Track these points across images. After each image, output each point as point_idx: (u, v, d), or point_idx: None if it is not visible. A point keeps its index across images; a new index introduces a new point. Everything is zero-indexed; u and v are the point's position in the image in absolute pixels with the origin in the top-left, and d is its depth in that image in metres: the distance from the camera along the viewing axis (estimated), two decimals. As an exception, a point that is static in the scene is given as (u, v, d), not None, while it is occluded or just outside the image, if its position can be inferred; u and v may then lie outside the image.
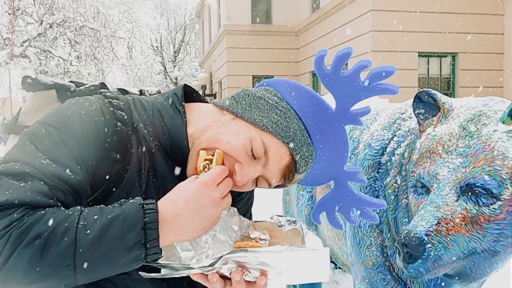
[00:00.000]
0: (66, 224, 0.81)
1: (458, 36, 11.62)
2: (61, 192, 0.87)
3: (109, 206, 0.88)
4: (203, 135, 1.04)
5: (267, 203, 3.88)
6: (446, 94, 11.82)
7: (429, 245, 1.35)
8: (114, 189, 0.97)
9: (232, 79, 17.38)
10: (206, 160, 0.98)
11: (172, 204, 0.90)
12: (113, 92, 1.09)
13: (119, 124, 0.98)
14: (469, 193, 1.41)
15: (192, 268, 0.92)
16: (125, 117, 1.01)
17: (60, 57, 11.72)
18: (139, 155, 1.01)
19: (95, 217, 0.84)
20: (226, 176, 0.97)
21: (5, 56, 9.11)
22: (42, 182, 0.84)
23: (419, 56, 11.82)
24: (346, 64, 1.04)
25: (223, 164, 0.99)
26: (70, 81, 1.18)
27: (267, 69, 17.28)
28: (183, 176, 1.04)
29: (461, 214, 1.39)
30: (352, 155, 2.25)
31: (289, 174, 1.05)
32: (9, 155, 0.89)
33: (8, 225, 0.78)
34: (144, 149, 1.02)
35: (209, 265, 0.91)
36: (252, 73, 17.28)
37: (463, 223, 1.39)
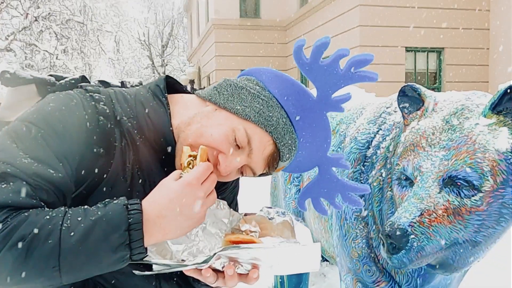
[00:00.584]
0: (50, 226, 0.81)
1: (444, 31, 11.73)
2: (44, 191, 0.86)
3: (93, 207, 0.87)
4: (188, 129, 1.04)
5: (256, 196, 3.90)
6: (433, 89, 11.95)
7: (412, 236, 1.38)
8: (99, 183, 0.97)
9: (220, 74, 17.34)
10: (190, 156, 0.97)
11: (156, 204, 0.90)
12: (94, 85, 1.08)
13: (101, 118, 0.98)
14: (452, 185, 1.44)
15: (186, 265, 0.93)
16: (107, 111, 1.00)
17: (46, 50, 11.56)
18: (123, 149, 1.00)
19: (79, 218, 0.83)
20: (211, 172, 0.96)
21: (-10, 49, 8.97)
22: (24, 182, 0.83)
23: (406, 51, 11.91)
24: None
25: (207, 159, 0.99)
26: (50, 75, 1.17)
27: (256, 63, 17.25)
28: (170, 168, 1.05)
29: (443, 205, 1.42)
30: (339, 149, 2.28)
31: (273, 162, 1.06)
32: None
33: None
34: (128, 142, 1.01)
35: (203, 262, 0.92)
36: (240, 67, 17.24)
37: (446, 215, 1.42)
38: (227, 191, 1.29)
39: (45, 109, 0.94)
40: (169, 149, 1.06)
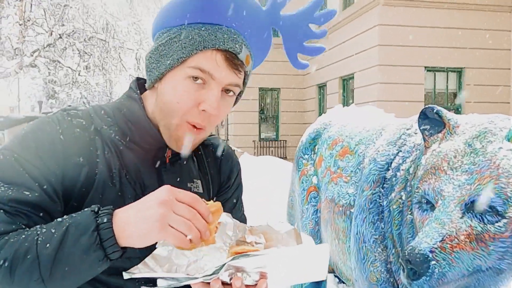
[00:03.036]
0: (26, 244, 0.85)
1: (465, 51, 11.63)
2: (22, 214, 0.91)
3: (65, 217, 0.90)
4: (162, 115, 1.06)
5: (271, 215, 3.86)
6: (453, 109, 11.79)
7: (433, 262, 1.34)
8: (88, 193, 0.99)
9: (238, 91, 17.42)
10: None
11: (129, 205, 0.91)
12: (74, 106, 1.13)
13: (77, 130, 1.02)
14: (474, 210, 1.40)
15: (196, 278, 0.91)
16: (84, 123, 1.04)
17: (69, 67, 11.83)
18: (106, 156, 1.03)
19: (53, 230, 0.87)
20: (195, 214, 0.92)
21: (15, 65, 9.20)
22: (1, 211, 0.88)
23: (426, 70, 11.83)
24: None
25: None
26: (43, 113, 1.21)
27: (274, 81, 17.34)
28: (160, 165, 1.09)
29: (466, 231, 1.39)
30: (357, 170, 2.26)
31: (233, 61, 1.03)
32: None
33: None
34: (111, 149, 1.04)
35: (213, 273, 0.91)
36: (258, 85, 17.36)
37: (468, 241, 1.39)
38: (230, 191, 1.29)
39: (20, 134, 0.99)
40: (155, 140, 1.08)
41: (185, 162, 1.18)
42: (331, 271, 2.78)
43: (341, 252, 2.30)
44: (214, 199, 1.26)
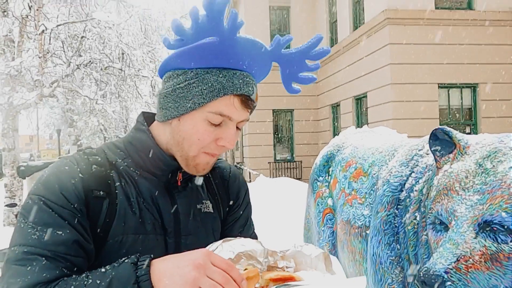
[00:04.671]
0: None
1: (478, 67, 11.59)
2: (61, 258, 0.98)
3: (108, 267, 0.96)
4: (180, 148, 1.14)
5: (288, 240, 3.87)
6: (469, 125, 11.65)
7: (448, 283, 1.35)
8: (112, 222, 1.07)
9: (252, 113, 17.55)
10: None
11: (166, 258, 0.96)
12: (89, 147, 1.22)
13: (95, 166, 1.10)
14: (488, 230, 1.42)
15: None
16: (99, 159, 1.12)
17: (87, 96, 12.05)
18: (123, 187, 1.11)
19: (98, 281, 0.93)
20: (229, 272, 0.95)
21: (35, 97, 9.46)
22: (43, 258, 0.96)
23: (439, 87, 11.79)
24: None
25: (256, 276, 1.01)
26: (59, 157, 1.29)
27: (287, 103, 17.44)
28: (172, 188, 1.16)
29: (480, 251, 1.40)
30: (371, 191, 2.28)
31: (247, 103, 1.13)
32: (12, 239, 1.01)
33: None
34: (127, 180, 1.13)
35: None
36: (272, 107, 17.47)
37: (483, 260, 1.39)
38: (239, 210, 1.34)
39: (42, 178, 1.06)
40: (167, 165, 1.15)
41: (197, 183, 1.24)
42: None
43: (359, 273, 2.30)
44: (223, 216, 1.31)
